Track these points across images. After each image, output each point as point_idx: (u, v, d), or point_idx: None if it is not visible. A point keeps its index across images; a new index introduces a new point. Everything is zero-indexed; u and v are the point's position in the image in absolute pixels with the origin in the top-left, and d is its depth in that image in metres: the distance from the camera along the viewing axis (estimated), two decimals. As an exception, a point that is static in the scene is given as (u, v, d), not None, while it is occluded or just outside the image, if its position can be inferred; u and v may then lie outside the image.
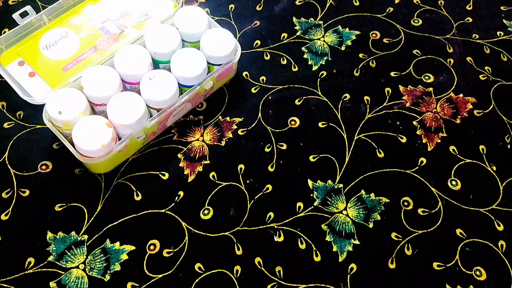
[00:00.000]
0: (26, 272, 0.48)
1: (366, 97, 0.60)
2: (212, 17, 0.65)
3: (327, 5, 0.68)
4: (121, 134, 0.52)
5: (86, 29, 0.58)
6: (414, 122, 0.58)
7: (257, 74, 0.61)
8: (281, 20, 0.66)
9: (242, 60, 0.62)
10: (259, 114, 0.58)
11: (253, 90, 0.60)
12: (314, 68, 0.62)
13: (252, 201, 0.53)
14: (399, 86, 0.61)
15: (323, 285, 0.49)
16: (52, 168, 0.54)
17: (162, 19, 0.58)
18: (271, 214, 0.52)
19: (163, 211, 0.52)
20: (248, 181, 0.54)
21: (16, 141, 0.55)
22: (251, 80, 0.61)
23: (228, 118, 0.58)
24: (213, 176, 0.54)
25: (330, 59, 0.63)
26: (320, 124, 0.58)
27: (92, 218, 0.51)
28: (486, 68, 0.63)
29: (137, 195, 0.53)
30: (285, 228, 0.51)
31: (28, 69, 0.55)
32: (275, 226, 0.51)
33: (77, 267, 0.48)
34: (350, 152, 0.56)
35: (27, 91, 0.54)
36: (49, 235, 0.50)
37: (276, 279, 0.49)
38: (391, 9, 0.68)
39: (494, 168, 0.56)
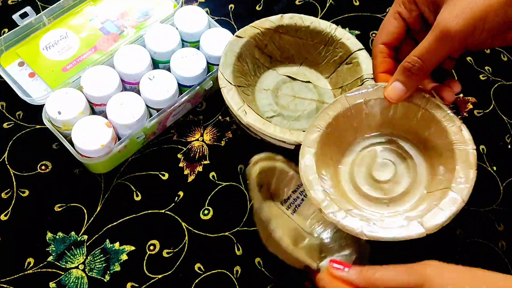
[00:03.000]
0: (26, 272, 0.48)
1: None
2: (212, 17, 0.65)
3: (327, 4, 0.68)
4: (120, 134, 0.52)
5: (86, 30, 0.58)
6: (414, 122, 0.58)
7: (257, 74, 0.61)
8: (281, 20, 0.66)
9: (242, 60, 0.62)
10: (259, 114, 0.58)
11: (253, 90, 0.60)
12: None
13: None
14: (399, 86, 0.61)
15: (323, 285, 0.48)
16: (51, 168, 0.54)
17: (162, 19, 0.58)
18: (271, 214, 0.52)
19: (162, 211, 0.52)
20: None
21: (16, 141, 0.55)
22: (251, 80, 0.61)
23: (228, 118, 0.58)
24: (213, 176, 0.54)
25: (330, 59, 0.63)
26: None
27: (92, 218, 0.51)
28: (486, 68, 0.63)
29: (137, 195, 0.52)
30: (285, 228, 0.51)
31: (28, 69, 0.55)
32: (275, 226, 0.51)
33: (77, 267, 0.48)
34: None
35: (26, 91, 0.54)
36: (49, 235, 0.50)
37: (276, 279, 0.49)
38: (391, 9, 0.68)
39: (494, 168, 0.56)
